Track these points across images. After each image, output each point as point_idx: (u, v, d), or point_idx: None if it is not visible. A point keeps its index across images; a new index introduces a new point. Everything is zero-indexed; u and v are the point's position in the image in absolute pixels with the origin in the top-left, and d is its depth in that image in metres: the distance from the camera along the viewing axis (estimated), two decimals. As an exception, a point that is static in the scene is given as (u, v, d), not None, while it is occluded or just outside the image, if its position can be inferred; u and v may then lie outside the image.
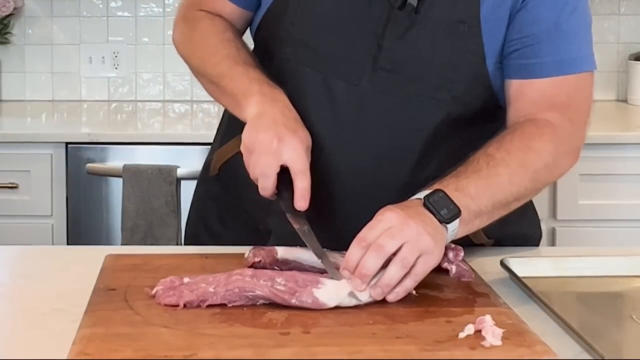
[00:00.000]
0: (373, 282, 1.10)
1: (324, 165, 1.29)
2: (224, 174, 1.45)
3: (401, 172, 1.30)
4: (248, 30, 1.44)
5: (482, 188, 1.18)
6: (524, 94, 1.28)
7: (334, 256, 1.19)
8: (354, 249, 1.10)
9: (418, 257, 1.09)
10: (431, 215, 1.13)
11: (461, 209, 1.14)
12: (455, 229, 1.15)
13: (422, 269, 1.10)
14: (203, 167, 1.52)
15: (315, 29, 1.30)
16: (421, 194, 1.16)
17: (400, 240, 1.09)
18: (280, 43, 1.32)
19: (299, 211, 1.19)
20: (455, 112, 1.28)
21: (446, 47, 1.26)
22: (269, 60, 1.34)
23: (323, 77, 1.29)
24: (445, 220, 1.13)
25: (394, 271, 1.09)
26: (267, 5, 1.35)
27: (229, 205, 1.45)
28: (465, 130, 1.30)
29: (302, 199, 1.18)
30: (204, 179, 1.51)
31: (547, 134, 1.25)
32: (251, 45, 1.43)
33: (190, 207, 1.55)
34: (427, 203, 1.14)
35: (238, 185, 1.39)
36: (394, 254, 1.09)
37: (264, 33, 1.38)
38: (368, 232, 1.10)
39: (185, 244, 1.54)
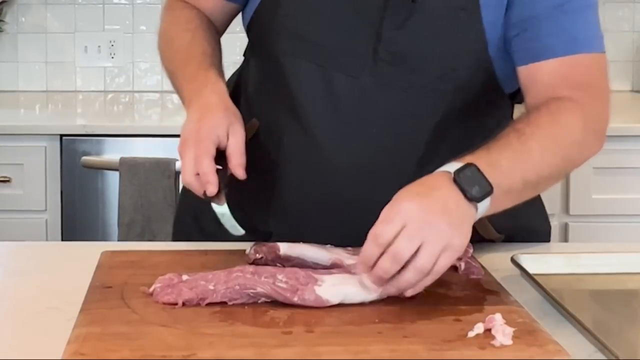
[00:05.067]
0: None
1: (325, 162, 1.27)
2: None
3: (405, 167, 1.27)
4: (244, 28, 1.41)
5: (513, 163, 1.13)
6: (536, 79, 1.25)
7: (338, 252, 1.18)
8: (370, 246, 1.05)
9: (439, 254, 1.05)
10: (459, 195, 1.06)
11: (493, 186, 1.09)
12: (486, 207, 1.09)
13: (443, 265, 1.05)
14: None
15: (310, 21, 1.28)
16: (451, 167, 1.09)
17: (418, 240, 1.03)
18: (275, 37, 1.30)
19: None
20: (460, 102, 1.26)
21: (447, 35, 1.24)
22: (266, 55, 1.32)
23: (322, 70, 1.27)
24: (475, 199, 1.07)
25: (410, 276, 1.05)
26: None
27: None
28: (470, 121, 1.28)
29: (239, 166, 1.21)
30: None
31: (574, 109, 1.21)
32: (246, 41, 1.40)
33: (179, 205, 1.52)
34: (457, 179, 1.07)
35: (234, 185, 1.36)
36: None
37: (257, 27, 1.35)
38: (384, 228, 1.04)
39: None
